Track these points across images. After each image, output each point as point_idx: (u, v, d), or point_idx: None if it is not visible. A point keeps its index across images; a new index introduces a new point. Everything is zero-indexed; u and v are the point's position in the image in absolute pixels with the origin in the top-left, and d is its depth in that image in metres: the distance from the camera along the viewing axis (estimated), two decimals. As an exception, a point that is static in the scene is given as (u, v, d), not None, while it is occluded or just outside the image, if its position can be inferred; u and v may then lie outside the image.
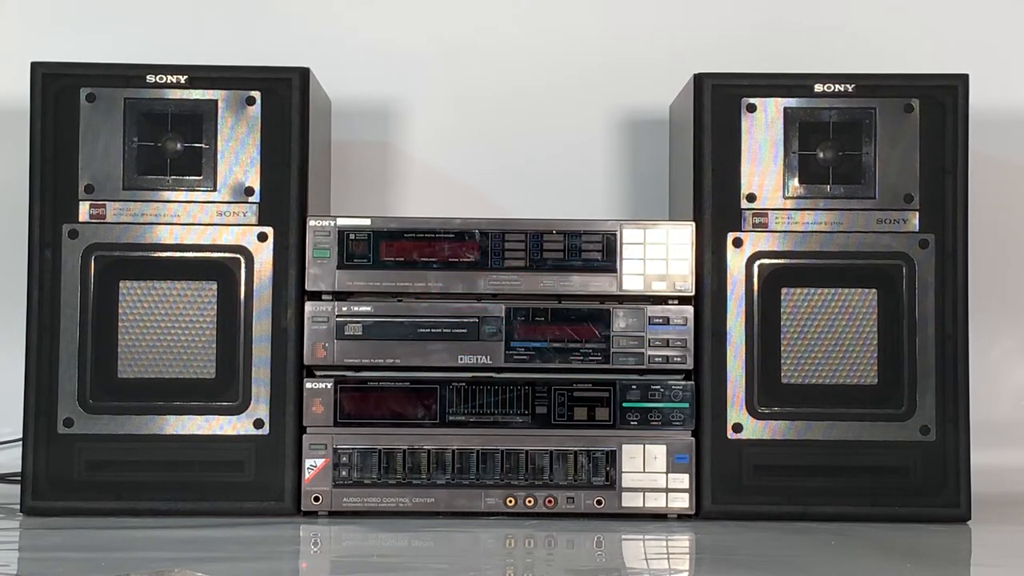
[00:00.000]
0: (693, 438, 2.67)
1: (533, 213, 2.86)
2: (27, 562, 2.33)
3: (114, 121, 2.67)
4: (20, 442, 2.66)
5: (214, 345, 2.66)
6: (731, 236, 2.69)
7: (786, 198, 2.69)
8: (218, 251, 2.67)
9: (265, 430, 2.66)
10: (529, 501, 2.65)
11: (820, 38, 3.15)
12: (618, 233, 2.69)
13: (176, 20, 3.14)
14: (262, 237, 2.67)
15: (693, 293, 2.69)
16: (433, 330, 2.67)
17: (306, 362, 2.67)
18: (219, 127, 2.68)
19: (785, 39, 3.15)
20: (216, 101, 2.68)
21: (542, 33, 3.19)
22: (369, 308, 2.68)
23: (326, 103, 2.95)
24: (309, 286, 2.68)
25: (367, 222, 2.69)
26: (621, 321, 2.67)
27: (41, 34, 3.14)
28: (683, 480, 2.66)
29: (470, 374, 2.68)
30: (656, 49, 3.15)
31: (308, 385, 2.67)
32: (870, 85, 2.69)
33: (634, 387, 2.67)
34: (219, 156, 2.68)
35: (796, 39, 3.15)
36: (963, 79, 2.69)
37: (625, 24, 3.18)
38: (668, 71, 2.96)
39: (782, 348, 2.68)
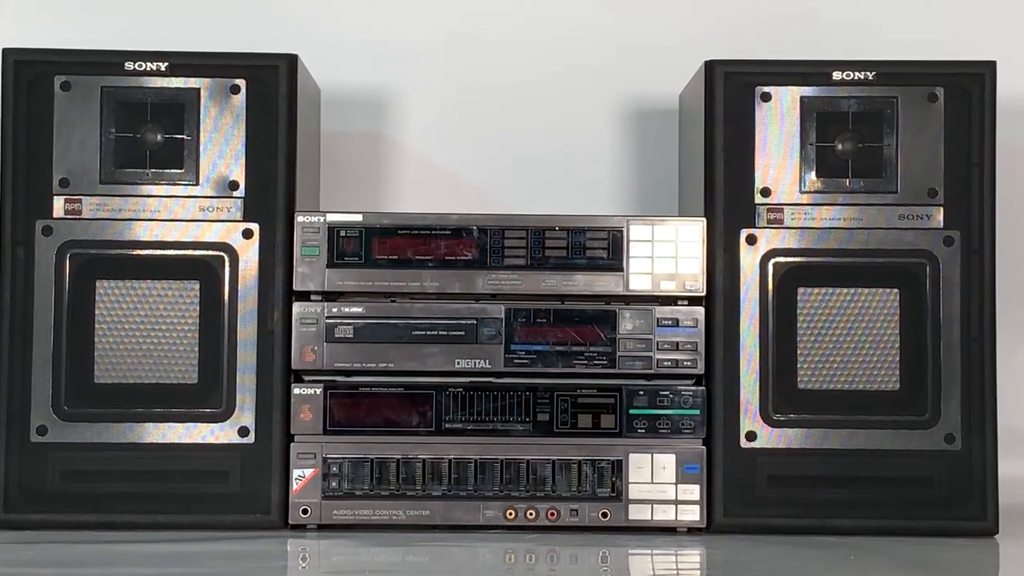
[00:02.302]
0: (704, 447, 2.67)
1: (535, 209, 2.85)
2: (-2, 578, 2.34)
3: (90, 111, 2.66)
4: (-9, 451, 2.66)
5: (196, 348, 2.66)
6: (744, 233, 2.69)
7: (803, 193, 2.69)
8: (201, 249, 2.67)
9: (250, 438, 2.65)
10: (530, 513, 2.65)
11: (839, 22, 3.15)
12: (625, 230, 2.69)
13: (158, 6, 3.14)
14: (247, 234, 2.67)
15: (704, 293, 2.69)
16: (429, 332, 2.67)
17: (294, 366, 2.67)
18: (202, 117, 2.67)
19: (801, 24, 3.15)
20: (199, 90, 2.67)
21: (545, 18, 3.19)
22: (361, 309, 2.67)
23: (315, 92, 2.96)
24: (297, 286, 2.67)
25: (359, 218, 2.68)
26: (628, 323, 2.67)
27: (15, 21, 3.13)
28: (693, 491, 2.66)
29: (468, 379, 2.68)
30: (665, 35, 3.15)
31: (296, 391, 2.66)
32: (892, 73, 2.69)
33: (641, 393, 2.67)
34: (202, 148, 2.67)
35: (813, 24, 3.15)
36: (990, 66, 2.68)
37: (632, 9, 3.18)
38: (677, 58, 2.97)
39: (798, 352, 2.67)
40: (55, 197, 2.65)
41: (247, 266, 2.66)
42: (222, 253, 2.67)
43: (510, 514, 2.65)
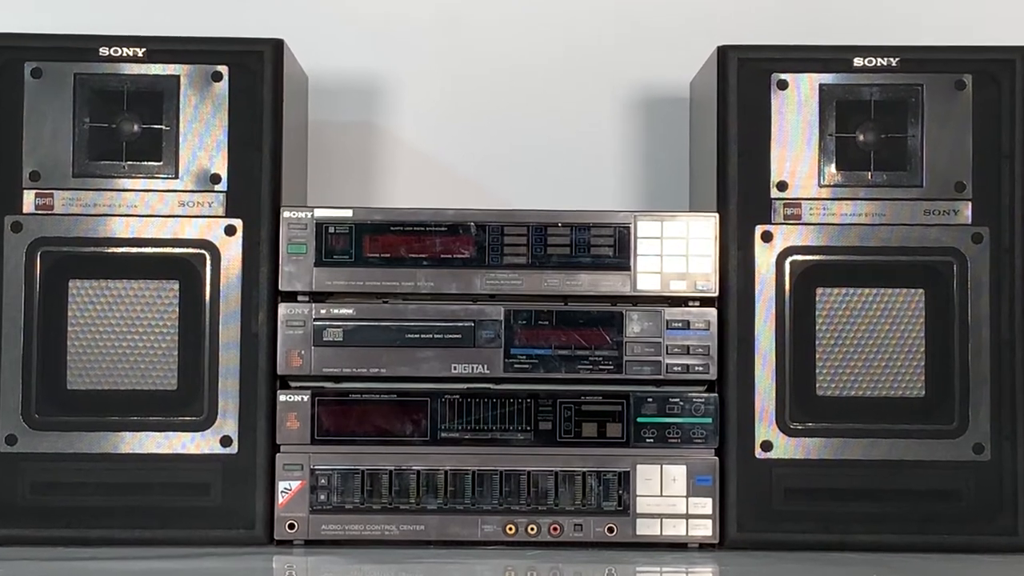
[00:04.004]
0: (717, 457, 2.67)
1: (536, 204, 2.83)
2: (-37, 599, 2.35)
3: (63, 100, 2.65)
4: (-44, 462, 2.66)
5: (176, 352, 2.65)
6: (759, 229, 2.68)
7: (822, 186, 2.68)
8: (180, 246, 2.66)
9: (233, 448, 2.65)
10: (531, 529, 2.64)
11: (860, 5, 3.14)
12: (632, 226, 2.68)
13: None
14: (230, 230, 2.66)
15: (717, 294, 2.68)
16: (423, 335, 2.66)
17: (279, 372, 2.66)
18: (181, 106, 2.67)
19: (820, 7, 3.14)
20: (178, 77, 2.67)
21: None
22: (351, 311, 2.67)
23: (302, 79, 2.95)
24: (283, 286, 2.67)
25: (348, 213, 2.68)
26: (635, 325, 2.66)
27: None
28: (705, 505, 2.65)
29: (465, 385, 2.67)
30: (675, 18, 3.15)
31: (282, 398, 2.66)
32: (917, 59, 2.68)
33: (650, 400, 2.66)
34: (181, 139, 2.67)
35: (833, 6, 3.14)
36: (1021, 52, 2.68)
37: (640, -10, 3.21)
38: (688, 43, 2.97)
39: (817, 356, 2.67)
40: (25, 191, 2.65)
41: (230, 265, 2.65)
42: (203, 251, 2.66)
43: (510, 529, 2.64)
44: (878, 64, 2.67)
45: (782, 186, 2.67)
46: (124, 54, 2.65)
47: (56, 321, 2.63)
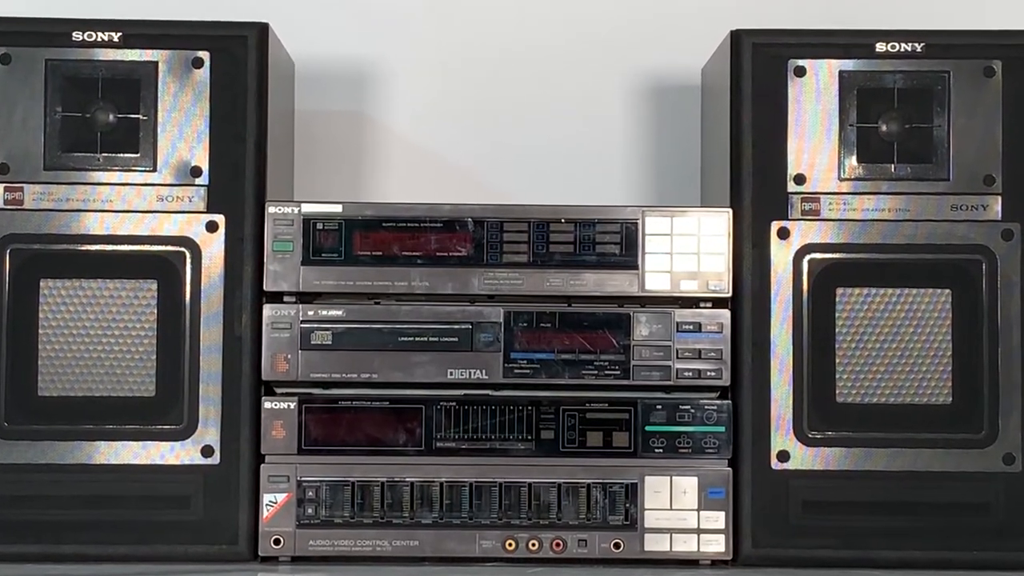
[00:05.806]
0: (730, 469, 2.66)
1: (537, 199, 2.86)
2: (-75, 621, 2.35)
3: (33, 87, 2.65)
4: (-80, 473, 2.67)
5: (154, 357, 2.64)
6: (776, 226, 2.66)
7: (842, 180, 2.67)
8: (159, 243, 2.65)
9: (215, 459, 2.64)
10: (533, 544, 2.63)
11: None
12: (640, 222, 2.67)
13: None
14: (212, 227, 2.65)
15: (730, 294, 2.67)
16: (417, 339, 2.65)
17: (264, 377, 2.65)
18: (160, 94, 2.66)
19: None
20: (156, 63, 2.67)
21: (549, -17, 3.23)
22: (340, 312, 2.66)
23: (289, 65, 2.95)
24: (268, 286, 2.66)
25: (338, 209, 2.67)
26: (643, 328, 2.65)
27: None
28: (718, 519, 2.64)
29: (462, 391, 2.66)
30: (686, 1, 3.15)
31: (267, 405, 2.65)
32: (943, 44, 2.68)
33: (659, 407, 2.65)
34: (160, 129, 2.66)
35: None
36: None
37: (649, -27, 3.23)
38: (700, 28, 2.97)
39: (837, 361, 2.65)
40: (-7, 185, 2.69)
41: (211, 263, 2.65)
42: (183, 248, 2.65)
43: (510, 545, 2.63)
44: (902, 49, 2.66)
45: (800, 179, 2.66)
46: (99, 39, 2.65)
47: (26, 323, 2.62)
